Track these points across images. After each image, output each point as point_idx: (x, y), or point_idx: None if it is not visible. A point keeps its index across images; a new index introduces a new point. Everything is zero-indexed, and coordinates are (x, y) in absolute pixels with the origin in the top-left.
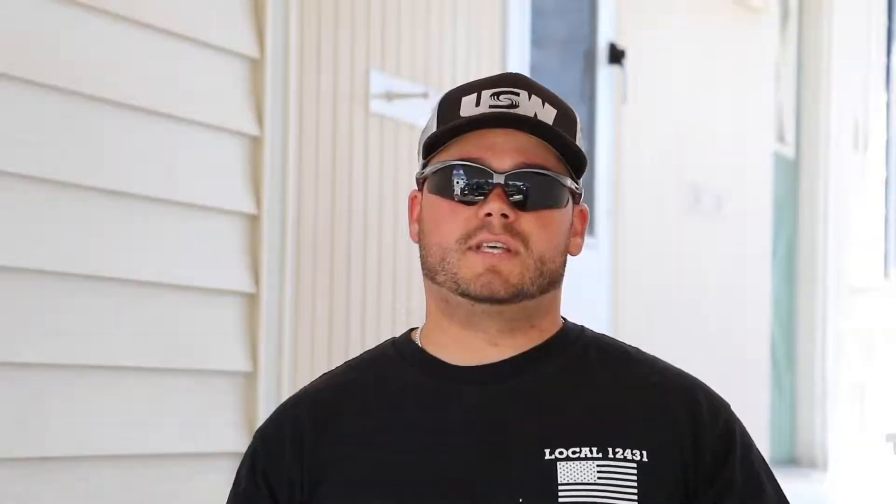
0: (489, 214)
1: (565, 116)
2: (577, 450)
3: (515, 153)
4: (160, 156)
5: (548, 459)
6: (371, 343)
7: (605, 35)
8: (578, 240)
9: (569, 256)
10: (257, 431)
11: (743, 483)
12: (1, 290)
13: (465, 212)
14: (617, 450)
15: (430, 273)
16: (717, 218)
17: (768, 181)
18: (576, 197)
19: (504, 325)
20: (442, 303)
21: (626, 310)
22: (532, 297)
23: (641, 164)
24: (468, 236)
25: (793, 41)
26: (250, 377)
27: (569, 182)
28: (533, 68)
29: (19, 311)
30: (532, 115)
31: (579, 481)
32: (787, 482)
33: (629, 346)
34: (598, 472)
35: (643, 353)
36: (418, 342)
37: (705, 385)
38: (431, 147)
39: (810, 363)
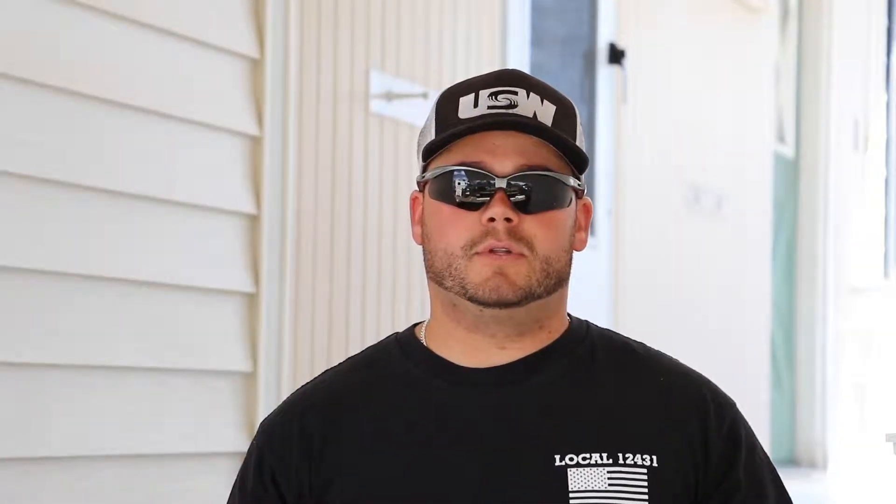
0: (492, 219)
1: (565, 112)
2: (588, 456)
3: (516, 155)
4: (160, 156)
5: (558, 466)
6: (371, 343)
7: (605, 35)
8: (582, 234)
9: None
10: (262, 430)
11: (747, 484)
12: (1, 290)
13: (468, 217)
14: (627, 455)
15: (436, 277)
16: (717, 218)
17: (768, 181)
18: (578, 193)
19: (512, 330)
20: (449, 306)
21: (626, 310)
22: (540, 297)
23: (641, 164)
24: (473, 243)
25: (793, 41)
26: (250, 377)
27: (571, 181)
28: (533, 68)
29: (19, 311)
30: (531, 114)
31: (590, 488)
32: (787, 482)
33: (634, 342)
34: (609, 478)
35: (649, 350)
36: (423, 340)
37: (712, 383)
38: (431, 151)
39: (810, 363)
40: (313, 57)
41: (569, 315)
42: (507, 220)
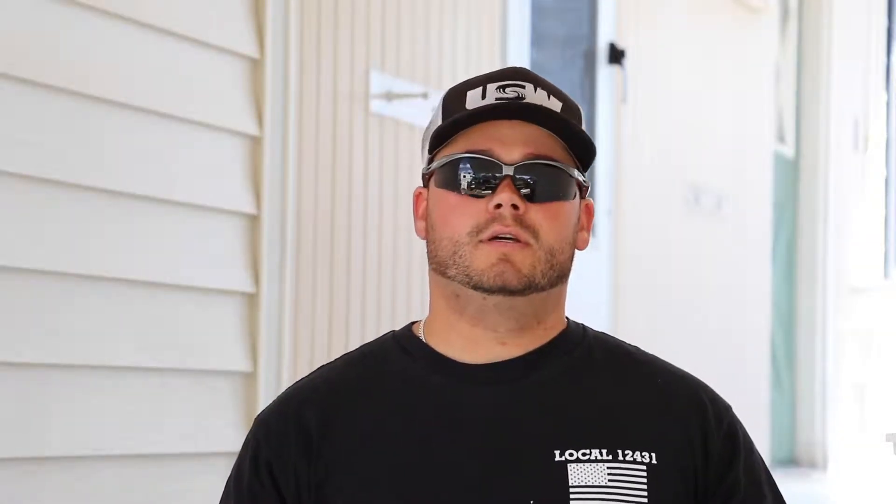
0: (499, 206)
1: (570, 109)
2: (588, 452)
3: (524, 144)
4: (160, 156)
5: (558, 461)
6: None
7: (605, 35)
8: (585, 234)
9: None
10: (258, 424)
11: (746, 485)
12: (1, 290)
13: (475, 205)
14: (627, 452)
15: (440, 267)
16: (717, 218)
17: (768, 181)
18: (582, 190)
19: (513, 323)
20: (452, 298)
21: (626, 310)
22: (542, 289)
23: (641, 164)
24: (479, 229)
25: (793, 41)
26: (250, 377)
27: (576, 174)
28: (533, 68)
29: (19, 311)
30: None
31: (590, 484)
32: (787, 482)
33: (630, 345)
34: (609, 474)
35: (645, 353)
36: (422, 337)
37: (708, 387)
38: (438, 140)
39: (810, 363)
40: (313, 57)
41: (566, 317)
42: (514, 207)
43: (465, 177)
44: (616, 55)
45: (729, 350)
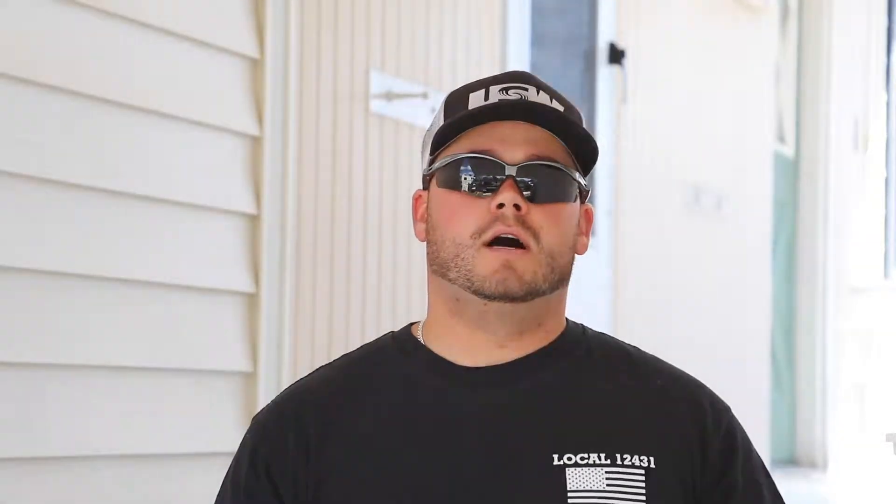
0: (501, 206)
1: (572, 113)
2: (586, 456)
3: (526, 145)
4: (160, 156)
5: (556, 465)
6: None
7: (605, 35)
8: (584, 239)
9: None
10: (256, 424)
11: (744, 488)
12: (1, 290)
13: (477, 205)
14: (625, 456)
15: (441, 269)
16: (717, 218)
17: (768, 181)
18: (583, 194)
19: (513, 327)
20: (451, 301)
21: (626, 310)
22: (543, 294)
23: (641, 164)
24: (482, 230)
25: (793, 41)
26: (250, 377)
27: (578, 177)
28: (533, 68)
29: (19, 311)
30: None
31: (589, 488)
32: (787, 482)
33: (628, 345)
34: (607, 478)
35: (643, 353)
36: (420, 339)
37: (707, 387)
38: (441, 140)
39: (810, 363)
40: (313, 57)
41: (565, 318)
42: (516, 207)
43: (468, 177)
44: (616, 55)
45: (729, 350)
